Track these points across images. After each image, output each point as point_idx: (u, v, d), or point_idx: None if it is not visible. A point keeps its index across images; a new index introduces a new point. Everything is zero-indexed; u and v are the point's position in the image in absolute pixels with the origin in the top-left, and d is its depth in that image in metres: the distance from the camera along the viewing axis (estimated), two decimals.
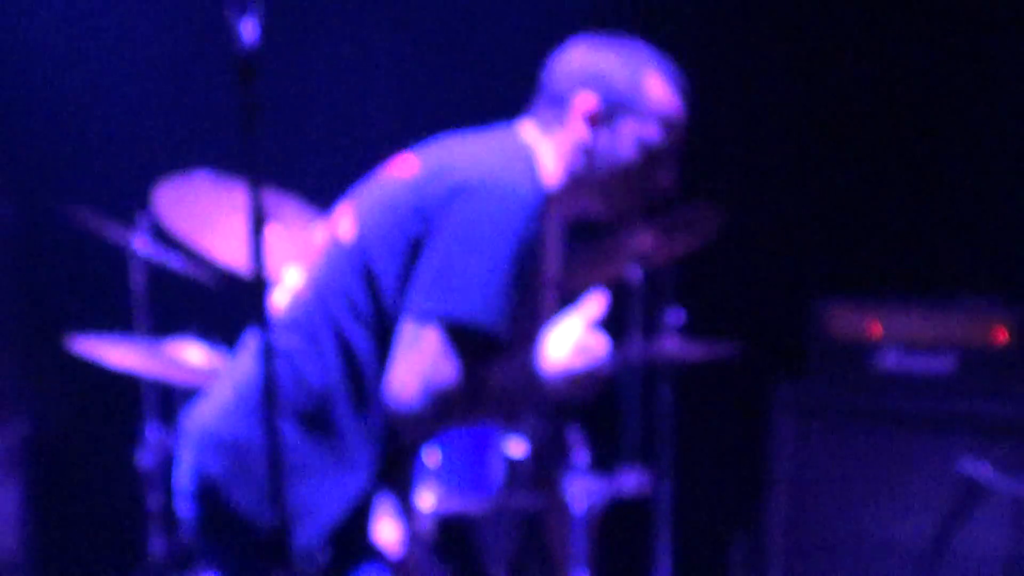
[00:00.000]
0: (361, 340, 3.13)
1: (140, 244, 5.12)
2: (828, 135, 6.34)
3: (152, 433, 5.23)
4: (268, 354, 2.77)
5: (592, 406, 5.72)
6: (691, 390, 5.66)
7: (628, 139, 3.28)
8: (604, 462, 5.56)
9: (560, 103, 3.28)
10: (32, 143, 6.30)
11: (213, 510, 3.17)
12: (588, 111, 3.25)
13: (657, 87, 3.33)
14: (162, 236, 5.05)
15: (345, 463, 3.13)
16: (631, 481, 5.16)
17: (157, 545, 5.18)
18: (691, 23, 6.46)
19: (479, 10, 6.52)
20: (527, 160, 3.18)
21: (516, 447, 5.04)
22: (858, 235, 6.31)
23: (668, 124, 3.36)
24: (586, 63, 3.28)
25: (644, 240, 5.20)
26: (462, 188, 3.07)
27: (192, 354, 4.92)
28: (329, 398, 3.13)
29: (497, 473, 4.95)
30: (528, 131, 3.31)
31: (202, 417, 3.27)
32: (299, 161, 6.04)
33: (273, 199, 4.58)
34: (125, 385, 5.42)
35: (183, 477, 3.24)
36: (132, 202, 5.07)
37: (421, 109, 6.55)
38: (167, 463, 5.23)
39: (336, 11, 6.59)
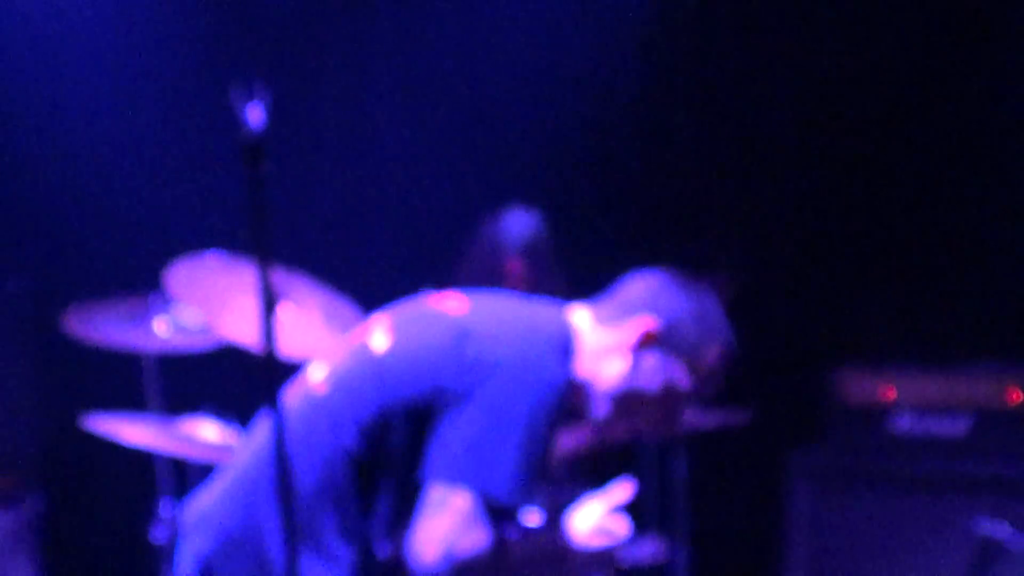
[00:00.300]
0: (356, 460, 3.18)
1: (154, 325, 5.15)
2: (839, 202, 6.35)
3: (166, 509, 5.23)
4: (280, 433, 2.78)
5: (608, 474, 5.74)
6: (706, 458, 5.66)
7: (659, 372, 3.34)
8: None
9: (624, 311, 3.35)
10: (48, 222, 6.34)
11: None
12: (646, 330, 3.32)
13: (713, 355, 3.41)
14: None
15: (326, 558, 3.16)
16: (647, 549, 5.15)
17: None
18: (700, 84, 6.49)
19: (488, 89, 6.56)
20: (566, 346, 3.26)
21: (532, 516, 5.02)
22: (870, 301, 6.31)
23: (702, 380, 3.42)
24: (666, 297, 3.37)
25: None
26: (503, 363, 3.15)
27: (206, 431, 4.93)
28: (311, 503, 3.16)
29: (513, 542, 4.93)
30: (580, 316, 3.37)
31: (201, 505, 3.28)
32: (308, 240, 6.07)
33: (283, 278, 4.60)
34: (139, 462, 5.43)
35: (185, 565, 3.24)
36: (145, 283, 5.09)
37: (429, 187, 6.59)
38: None
39: (344, 90, 6.64)
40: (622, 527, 3.30)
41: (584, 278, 5.95)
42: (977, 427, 5.65)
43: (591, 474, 5.74)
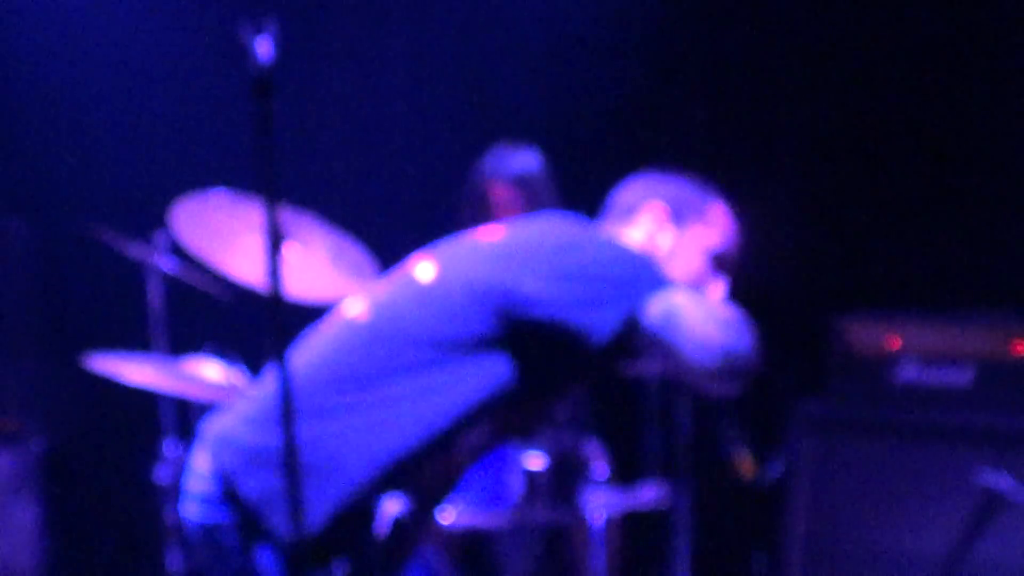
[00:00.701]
0: (419, 374, 3.20)
1: (158, 261, 5.14)
2: (845, 150, 6.34)
3: (169, 449, 5.24)
4: (285, 370, 2.78)
5: (611, 420, 5.75)
6: (710, 404, 5.65)
7: (694, 243, 3.56)
8: (623, 475, 5.56)
9: (629, 211, 3.54)
10: (50, 161, 6.33)
11: (242, 511, 3.18)
12: (657, 214, 3.52)
13: (720, 213, 3.62)
14: (180, 253, 5.06)
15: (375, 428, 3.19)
16: (650, 494, 5.15)
17: (175, 560, 5.18)
18: (704, 38, 6.47)
19: (496, 25, 6.54)
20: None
21: (535, 461, 5.03)
22: (876, 249, 6.30)
23: (727, 243, 3.64)
24: (655, 182, 3.59)
25: None
26: (566, 245, 3.26)
27: (209, 371, 4.93)
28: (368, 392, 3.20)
29: (516, 487, 4.94)
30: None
31: (225, 423, 3.29)
32: (315, 178, 6.05)
33: (289, 217, 4.58)
34: (142, 401, 5.43)
35: (203, 483, 3.24)
36: (150, 220, 5.08)
37: (438, 125, 6.56)
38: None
39: (352, 27, 6.61)
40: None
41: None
42: (981, 378, 5.64)
43: (595, 419, 5.75)
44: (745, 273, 6.06)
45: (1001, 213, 6.12)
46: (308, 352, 3.32)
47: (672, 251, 3.51)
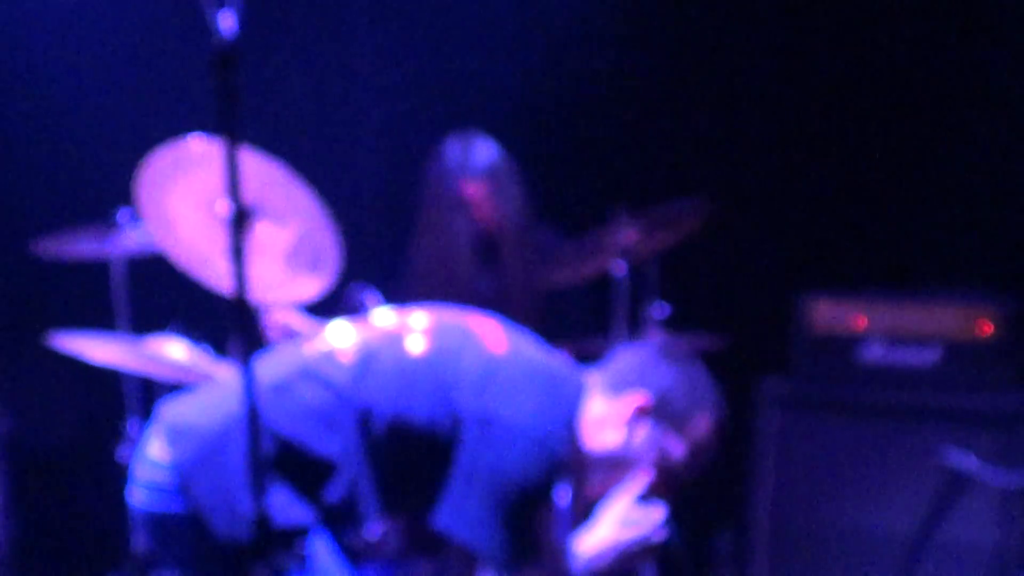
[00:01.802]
0: (367, 450, 3.29)
1: (121, 241, 5.11)
2: (811, 129, 6.34)
3: (133, 428, 5.21)
4: (248, 361, 2.76)
5: None
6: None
7: (652, 443, 3.55)
8: None
9: (618, 384, 3.53)
10: (8, 136, 6.28)
11: (194, 505, 3.16)
12: (639, 404, 3.51)
13: (704, 424, 3.68)
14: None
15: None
16: None
17: (140, 540, 5.16)
18: (675, 17, 6.46)
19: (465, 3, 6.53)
20: (575, 417, 3.44)
21: None
22: (842, 228, 6.31)
23: (695, 450, 3.65)
24: (656, 370, 3.58)
25: (628, 235, 5.20)
26: (516, 427, 3.30)
27: (173, 350, 4.90)
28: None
29: None
30: (591, 382, 3.55)
31: (183, 414, 3.25)
32: (278, 153, 6.02)
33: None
34: (107, 381, 5.40)
35: (158, 473, 3.21)
36: (112, 198, 5.04)
37: (405, 101, 6.54)
38: None
39: (318, 7, 6.58)
40: (651, 514, 3.50)
41: (564, 215, 5.99)
42: (947, 358, 5.64)
43: None
44: (713, 252, 6.09)
45: (967, 193, 6.13)
46: (277, 366, 3.33)
47: (629, 440, 3.54)
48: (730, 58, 6.42)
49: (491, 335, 3.47)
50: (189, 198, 4.43)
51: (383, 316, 3.58)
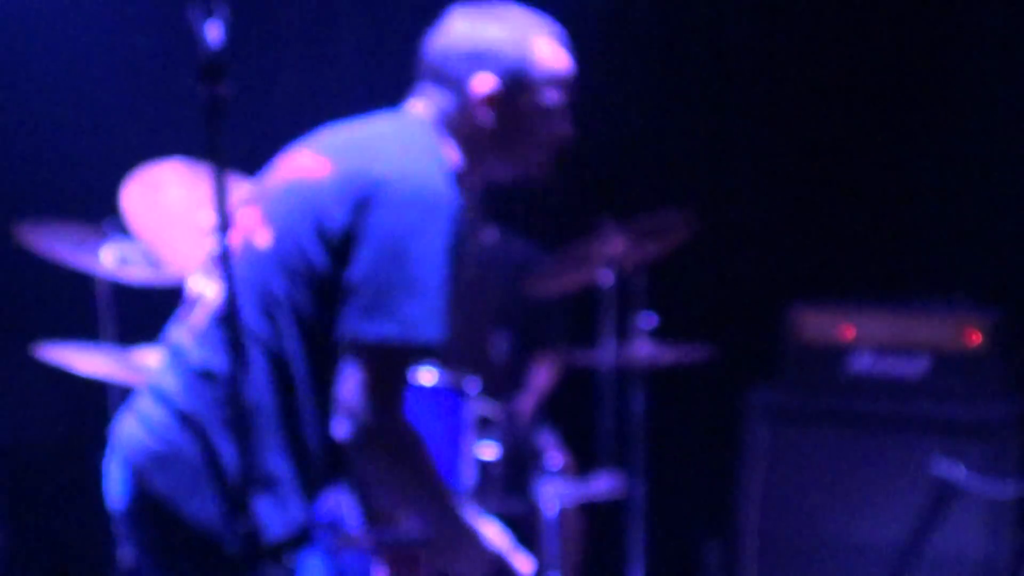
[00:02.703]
0: (290, 352, 3.02)
1: (106, 255, 5.09)
2: (799, 140, 6.34)
3: None
4: (237, 349, 2.72)
5: (564, 410, 5.74)
6: (664, 394, 5.65)
7: (529, 109, 3.18)
8: (577, 465, 5.55)
9: (455, 85, 3.18)
10: None
11: (167, 528, 3.08)
12: (488, 93, 3.15)
13: (545, 50, 3.22)
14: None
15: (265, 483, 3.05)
16: (604, 484, 5.13)
17: (126, 551, 5.14)
18: (660, 28, 6.46)
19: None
20: (435, 151, 3.10)
21: (488, 450, 5.01)
22: (830, 239, 6.31)
23: (562, 83, 3.25)
24: (473, 40, 3.17)
25: (616, 245, 5.20)
26: (382, 194, 2.98)
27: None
28: (259, 412, 3.01)
29: (469, 477, 4.92)
30: (426, 113, 3.21)
31: (129, 429, 3.16)
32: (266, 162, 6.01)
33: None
34: (92, 392, 5.38)
35: (123, 499, 3.15)
36: (98, 209, 5.03)
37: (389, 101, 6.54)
38: None
39: (305, 14, 6.57)
40: (525, 566, 3.23)
41: (542, 220, 5.99)
42: (935, 368, 5.65)
43: (548, 410, 5.74)
44: (701, 262, 6.09)
45: (954, 204, 6.14)
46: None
47: (506, 130, 3.19)
48: (716, 68, 6.42)
49: (308, 166, 3.13)
50: (173, 211, 4.45)
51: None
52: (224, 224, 2.77)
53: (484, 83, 3.15)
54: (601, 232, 5.23)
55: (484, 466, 4.99)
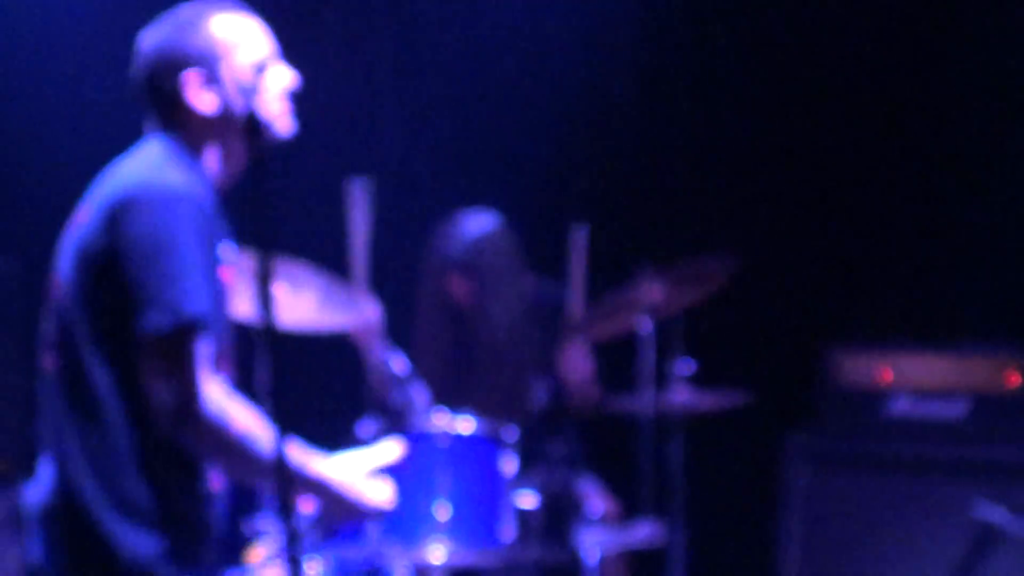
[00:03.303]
0: (104, 389, 3.15)
1: None
2: (837, 184, 6.34)
3: None
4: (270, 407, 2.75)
5: (604, 457, 5.73)
6: (703, 440, 5.63)
7: (239, 79, 3.28)
8: (617, 513, 5.53)
9: (167, 98, 3.31)
10: (37, 199, 6.30)
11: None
12: (193, 87, 3.27)
13: (224, 23, 3.32)
14: None
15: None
16: (644, 532, 5.12)
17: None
18: (697, 76, 6.48)
19: (481, 79, 6.58)
20: (168, 159, 3.22)
21: (527, 499, 5.00)
22: (867, 282, 6.29)
23: (255, 42, 3.35)
24: (160, 48, 3.30)
25: (654, 292, 5.19)
26: (125, 208, 3.12)
27: None
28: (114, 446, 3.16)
29: (509, 525, 4.91)
30: (159, 134, 3.33)
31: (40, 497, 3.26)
32: (301, 221, 6.05)
33: (278, 260, 4.59)
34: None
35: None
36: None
37: (423, 175, 6.59)
38: None
39: (341, 73, 6.61)
40: (378, 491, 3.35)
41: (589, 273, 5.99)
42: (975, 410, 5.62)
43: (588, 457, 5.73)
44: (738, 307, 6.08)
45: (993, 246, 6.12)
46: None
47: (228, 116, 3.30)
48: (753, 113, 6.42)
49: (78, 216, 3.30)
50: None
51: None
52: (264, 279, 2.79)
53: (188, 81, 3.27)
54: (639, 279, 5.23)
55: (523, 515, 4.97)
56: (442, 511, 4.91)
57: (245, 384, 3.65)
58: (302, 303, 4.76)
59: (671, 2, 6.53)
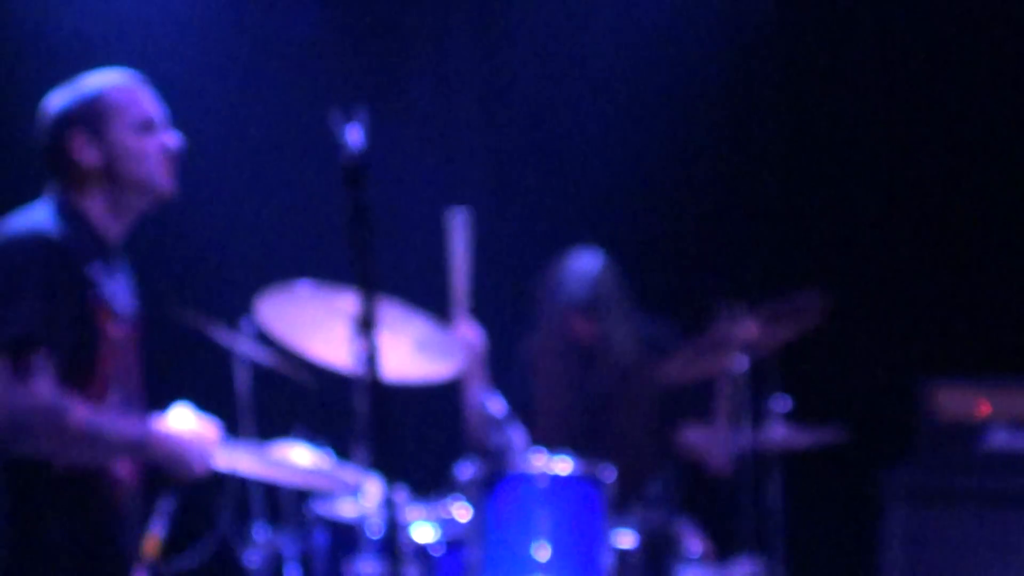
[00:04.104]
0: None
1: (244, 348, 5.19)
2: (931, 218, 6.31)
3: (259, 533, 5.26)
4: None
5: (702, 496, 5.73)
6: (800, 476, 5.62)
7: (118, 137, 3.58)
8: (715, 552, 5.51)
9: (57, 155, 3.58)
10: (141, 248, 6.38)
11: None
12: (81, 145, 3.56)
13: (111, 91, 3.61)
14: (266, 339, 5.11)
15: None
16: (744, 570, 5.11)
17: None
18: (788, 112, 6.48)
19: (569, 119, 6.61)
20: (35, 215, 3.51)
21: (626, 538, 5.00)
22: (963, 315, 6.25)
23: (134, 105, 3.63)
24: (56, 110, 3.59)
25: (749, 329, 5.19)
26: None
27: (298, 456, 4.93)
28: None
29: (608, 565, 4.92)
30: (51, 191, 3.60)
31: None
32: (398, 265, 6.10)
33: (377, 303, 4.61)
34: (232, 487, 5.45)
35: None
36: (236, 307, 5.13)
37: (510, 216, 6.62)
38: (275, 562, 5.26)
39: (428, 116, 6.66)
40: (210, 432, 3.68)
41: (677, 304, 6.00)
42: None
43: (686, 496, 5.72)
44: (833, 343, 6.06)
45: None
46: None
47: (117, 162, 3.60)
48: (848, 150, 6.41)
49: None
50: (307, 322, 4.59)
51: None
52: (369, 329, 2.82)
53: (73, 136, 3.57)
54: (734, 316, 5.23)
55: (622, 554, 4.98)
56: (541, 551, 4.93)
57: (343, 427, 3.70)
58: (399, 349, 4.78)
59: (763, 34, 6.53)
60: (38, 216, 3.50)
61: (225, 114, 6.43)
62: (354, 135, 2.94)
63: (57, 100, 3.61)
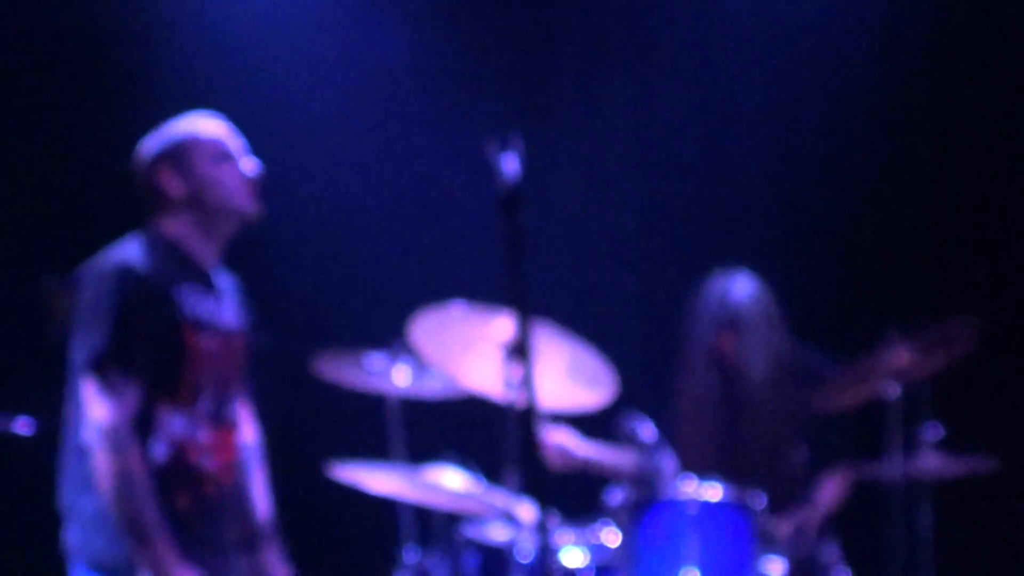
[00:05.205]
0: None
1: (397, 374, 5.26)
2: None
3: (410, 556, 5.30)
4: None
5: (851, 524, 5.69)
6: (952, 506, 5.56)
7: (202, 169, 3.96)
8: None
9: (149, 190, 3.98)
10: (291, 275, 6.48)
11: None
12: (167, 177, 3.95)
13: (192, 126, 4.02)
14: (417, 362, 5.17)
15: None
16: None
17: None
18: (936, 133, 6.44)
19: (721, 140, 6.62)
20: (124, 244, 3.90)
21: (775, 566, 4.99)
22: None
23: (217, 140, 4.01)
24: (147, 151, 3.99)
25: (901, 357, 5.15)
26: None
27: (449, 479, 4.98)
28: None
29: None
30: (145, 225, 4.00)
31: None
32: (550, 289, 6.12)
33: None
34: (383, 509, 5.50)
35: None
36: (388, 330, 5.19)
37: (666, 239, 6.62)
38: None
39: (582, 142, 6.69)
40: None
41: (827, 332, 5.97)
42: None
43: (834, 524, 5.69)
44: (986, 370, 6.00)
45: None
46: None
47: (200, 191, 3.96)
48: (998, 177, 6.36)
49: None
50: (460, 344, 4.64)
51: None
52: (524, 353, 2.85)
53: (160, 170, 3.97)
54: (886, 344, 5.19)
55: None
56: None
57: (493, 454, 3.74)
58: (552, 375, 4.80)
59: (912, 64, 6.50)
60: (125, 248, 3.88)
61: (387, 142, 6.52)
62: (510, 163, 2.97)
63: (147, 143, 3.99)
